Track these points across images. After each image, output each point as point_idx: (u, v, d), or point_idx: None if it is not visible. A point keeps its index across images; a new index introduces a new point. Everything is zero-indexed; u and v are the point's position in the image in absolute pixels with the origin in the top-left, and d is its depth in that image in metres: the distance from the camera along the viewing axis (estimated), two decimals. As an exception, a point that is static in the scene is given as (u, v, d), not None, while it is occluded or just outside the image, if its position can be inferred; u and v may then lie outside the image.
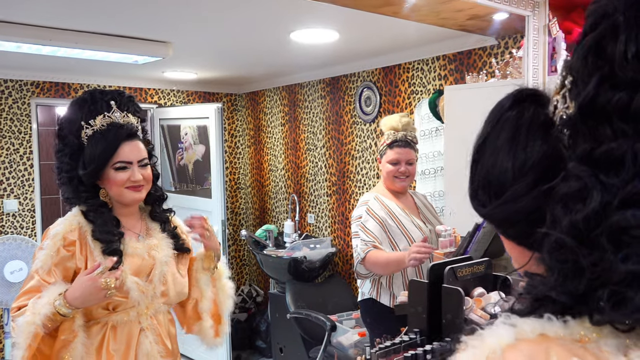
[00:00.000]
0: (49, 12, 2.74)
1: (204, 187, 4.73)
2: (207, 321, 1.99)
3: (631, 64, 0.55)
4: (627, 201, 0.55)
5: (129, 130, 1.79)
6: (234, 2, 2.64)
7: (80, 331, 1.69)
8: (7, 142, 4.33)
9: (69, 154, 1.78)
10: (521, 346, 0.59)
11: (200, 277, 1.99)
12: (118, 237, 1.78)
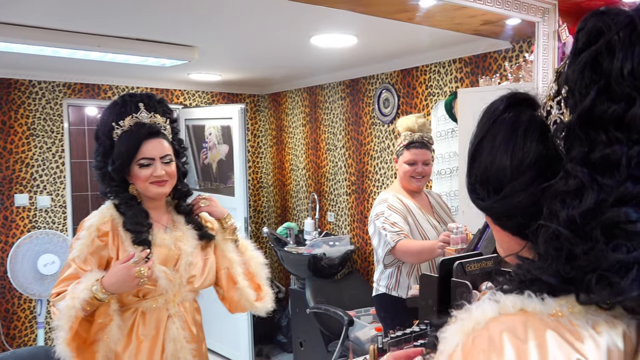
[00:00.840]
0: (87, 19, 2.90)
1: (227, 185, 4.86)
2: (243, 282, 2.05)
3: (627, 80, 0.62)
4: (620, 200, 0.62)
5: (151, 128, 1.90)
6: (257, 8, 2.77)
7: (116, 315, 1.81)
8: (41, 141, 4.52)
9: (102, 153, 1.92)
10: (503, 319, 0.67)
11: (224, 247, 2.08)
12: (147, 228, 1.90)
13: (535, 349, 0.62)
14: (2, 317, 4.40)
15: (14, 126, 4.40)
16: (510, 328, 0.65)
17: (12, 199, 4.42)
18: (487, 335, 0.66)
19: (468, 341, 0.67)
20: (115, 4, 2.66)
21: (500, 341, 0.64)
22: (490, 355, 0.64)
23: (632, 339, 0.64)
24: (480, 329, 0.67)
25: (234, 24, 3.04)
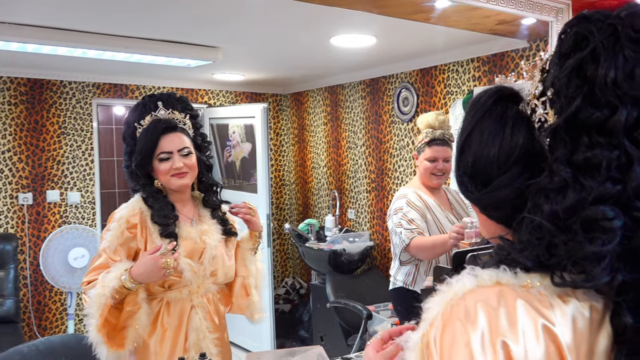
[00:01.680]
0: (114, 21, 3.03)
1: (250, 182, 4.97)
2: (255, 296, 2.16)
3: (610, 88, 0.67)
4: (599, 199, 0.67)
5: (168, 123, 1.99)
6: (278, 10, 2.86)
7: (144, 303, 1.90)
8: (71, 139, 4.69)
9: (128, 152, 2.02)
10: (479, 290, 0.73)
11: (246, 257, 2.18)
12: (174, 220, 1.98)
13: (504, 315, 0.68)
14: (35, 309, 4.57)
15: (46, 125, 4.57)
16: (484, 298, 0.71)
17: (44, 195, 4.59)
18: (464, 305, 0.72)
19: (447, 310, 0.73)
20: (142, 7, 2.78)
21: (475, 310, 0.70)
22: (465, 323, 0.70)
23: (599, 309, 0.70)
24: (457, 299, 0.73)
25: (256, 25, 3.14)
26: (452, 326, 0.71)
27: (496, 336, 0.68)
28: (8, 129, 4.43)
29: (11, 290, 4.18)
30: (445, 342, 0.71)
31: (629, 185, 0.66)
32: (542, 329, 0.68)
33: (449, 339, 0.71)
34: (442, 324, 0.73)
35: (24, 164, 4.49)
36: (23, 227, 4.51)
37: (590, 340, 0.69)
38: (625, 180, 0.66)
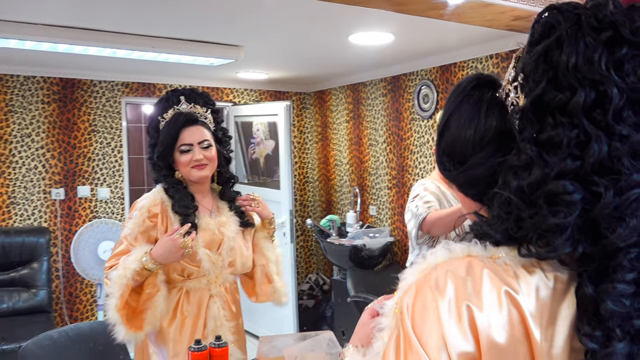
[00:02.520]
0: (141, 22, 3.15)
1: (274, 179, 5.07)
2: (278, 282, 2.23)
3: (571, 72, 0.71)
4: (561, 174, 0.71)
5: (189, 116, 2.07)
6: (297, 9, 2.94)
7: (162, 286, 1.97)
8: (101, 137, 4.85)
9: (152, 145, 2.11)
10: (451, 262, 0.79)
11: (263, 245, 2.25)
12: (193, 210, 2.06)
13: (470, 283, 0.74)
14: (66, 300, 4.75)
15: (77, 123, 4.75)
16: (453, 268, 0.77)
17: (75, 191, 4.76)
18: (435, 275, 0.77)
19: (420, 279, 0.79)
20: (167, 7, 2.89)
21: (445, 280, 0.76)
22: (434, 291, 0.76)
23: (563, 280, 0.75)
24: (430, 269, 0.79)
25: (276, 23, 3.23)
26: (424, 293, 0.77)
27: (462, 302, 0.73)
28: (42, 126, 4.61)
29: (44, 281, 4.35)
30: (417, 308, 0.76)
31: (587, 161, 0.70)
32: (506, 296, 0.73)
33: (420, 305, 0.76)
34: (414, 292, 0.78)
35: (56, 160, 4.67)
36: (55, 221, 4.68)
37: (553, 309, 0.73)
38: (584, 156, 0.70)
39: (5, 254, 4.26)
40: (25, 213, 4.57)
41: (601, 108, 0.69)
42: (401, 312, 0.79)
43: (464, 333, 0.73)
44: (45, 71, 4.57)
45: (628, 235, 0.69)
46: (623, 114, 0.69)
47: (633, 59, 0.69)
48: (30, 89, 4.55)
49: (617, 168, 0.69)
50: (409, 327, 0.76)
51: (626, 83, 0.68)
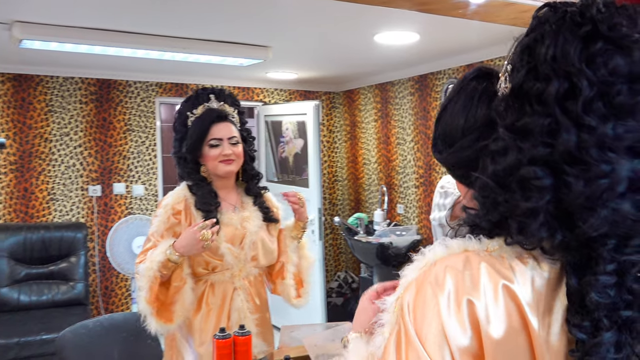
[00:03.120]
0: (173, 24, 3.27)
1: (303, 177, 5.14)
2: (290, 281, 2.27)
3: (549, 63, 0.72)
4: (532, 160, 0.73)
5: (220, 113, 2.15)
6: (322, 10, 3.00)
7: (189, 278, 2.04)
8: (136, 136, 5.01)
9: (179, 139, 2.18)
10: (449, 257, 0.80)
11: (288, 244, 2.30)
12: (215, 207, 2.12)
13: (468, 277, 0.76)
14: (102, 293, 4.92)
15: (113, 122, 4.91)
16: (452, 264, 0.79)
17: (111, 188, 4.93)
18: (434, 271, 0.79)
19: (420, 276, 0.81)
20: (198, 10, 3.00)
21: (443, 275, 0.78)
22: (434, 287, 0.77)
23: (557, 270, 0.77)
24: (429, 265, 0.81)
25: (302, 24, 3.30)
26: (424, 290, 0.78)
27: (461, 295, 0.75)
28: (79, 125, 4.79)
29: (81, 275, 4.52)
30: (417, 304, 0.78)
31: (557, 148, 0.72)
32: (502, 288, 0.75)
33: (420, 302, 0.78)
34: (415, 289, 0.80)
35: (93, 158, 4.85)
36: (92, 217, 4.86)
37: (548, 298, 0.75)
38: (554, 144, 0.73)
39: (45, 248, 4.44)
40: (63, 209, 4.75)
41: (573, 99, 0.71)
42: (401, 308, 0.81)
43: (463, 327, 0.75)
44: (83, 72, 4.75)
45: (599, 225, 0.70)
46: (592, 106, 0.70)
47: (606, 53, 0.71)
48: (68, 89, 4.74)
49: (585, 159, 0.70)
50: (409, 324, 0.78)
51: (597, 76, 0.70)
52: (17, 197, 4.61)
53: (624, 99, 0.70)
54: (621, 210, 0.70)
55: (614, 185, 0.70)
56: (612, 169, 0.69)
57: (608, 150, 0.70)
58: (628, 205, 0.70)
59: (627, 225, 0.70)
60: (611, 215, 0.70)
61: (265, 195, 2.34)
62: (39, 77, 4.64)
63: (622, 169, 0.69)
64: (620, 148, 0.70)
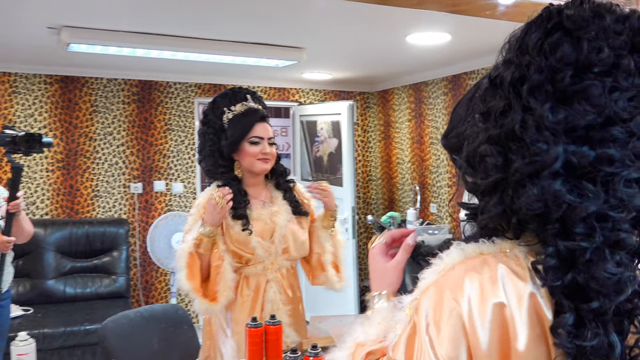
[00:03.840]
0: (210, 26, 3.39)
1: (337, 176, 5.21)
2: (331, 271, 2.35)
3: (515, 52, 0.77)
4: (489, 139, 0.79)
5: (262, 114, 2.26)
6: (356, 12, 3.06)
7: (226, 255, 2.13)
8: (175, 135, 5.18)
9: (213, 132, 2.25)
10: (466, 261, 0.82)
11: (320, 235, 2.37)
12: (244, 204, 2.21)
13: (488, 279, 0.77)
14: (143, 287, 5.10)
15: (153, 122, 5.09)
16: (470, 268, 0.80)
17: (151, 185, 5.11)
18: (453, 274, 0.81)
19: (438, 280, 0.82)
20: (234, 13, 3.11)
21: (462, 278, 0.79)
22: (454, 290, 0.78)
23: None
24: (448, 269, 0.82)
25: (334, 25, 3.38)
26: (442, 294, 0.80)
27: (482, 299, 0.76)
28: (122, 125, 4.98)
29: (123, 269, 4.70)
30: (436, 308, 0.80)
31: (504, 128, 0.77)
32: (522, 286, 0.76)
33: (438, 305, 0.79)
34: (433, 292, 0.81)
35: (135, 156, 5.03)
36: (134, 213, 5.04)
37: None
38: (502, 125, 0.77)
39: (89, 242, 4.64)
40: (107, 205, 4.95)
41: (525, 84, 0.76)
42: (416, 310, 0.83)
43: (485, 330, 0.75)
44: (126, 74, 4.94)
45: (530, 202, 0.73)
46: (537, 90, 0.74)
47: (558, 42, 0.75)
48: (112, 90, 4.93)
49: (524, 137, 0.74)
50: (423, 325, 0.80)
51: (547, 63, 0.74)
52: (64, 193, 4.82)
53: (567, 84, 0.73)
54: (551, 189, 0.72)
55: (547, 163, 0.72)
56: (547, 149, 0.73)
57: (545, 131, 0.73)
58: (559, 185, 0.72)
59: (563, 209, 0.72)
60: (541, 193, 0.73)
61: (296, 189, 2.41)
62: (85, 79, 4.84)
63: (556, 149, 0.72)
64: (558, 130, 0.72)
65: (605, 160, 0.72)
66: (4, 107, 4.60)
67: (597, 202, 0.72)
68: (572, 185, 0.72)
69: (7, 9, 2.97)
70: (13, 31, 3.41)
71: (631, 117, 0.73)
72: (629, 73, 0.73)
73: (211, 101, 2.34)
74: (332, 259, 2.37)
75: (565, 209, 0.72)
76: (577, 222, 0.72)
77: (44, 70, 4.68)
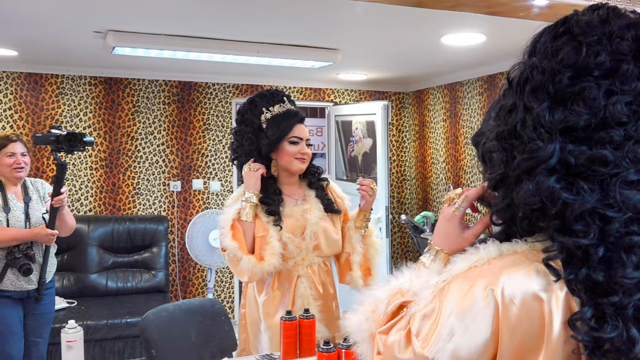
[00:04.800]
0: (247, 30, 3.48)
1: (371, 176, 5.24)
2: (357, 272, 2.38)
3: (537, 53, 0.82)
4: (496, 135, 0.84)
5: (301, 115, 2.35)
6: (392, 13, 3.09)
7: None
8: (213, 135, 5.30)
9: (250, 132, 2.32)
10: (502, 258, 0.85)
11: (352, 235, 2.41)
12: (277, 202, 2.29)
13: (524, 274, 0.80)
14: (181, 282, 5.24)
15: (192, 122, 5.22)
16: (506, 264, 0.83)
17: (190, 184, 5.24)
18: (489, 268, 0.84)
19: (471, 271, 0.85)
20: (271, 16, 3.19)
21: (498, 272, 0.82)
22: (490, 283, 0.81)
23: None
24: (483, 263, 0.85)
25: (370, 28, 3.42)
26: (474, 285, 0.83)
27: (519, 290, 0.79)
28: (162, 125, 5.13)
29: (162, 264, 4.84)
30: (465, 298, 0.82)
31: (508, 126, 0.82)
32: (555, 281, 0.78)
33: (467, 296, 0.82)
34: (464, 281, 0.85)
35: (174, 155, 5.18)
36: (173, 211, 5.19)
37: None
38: (507, 122, 0.82)
39: (131, 238, 4.79)
40: (147, 203, 5.11)
41: (528, 85, 0.81)
42: (441, 291, 0.87)
43: (518, 319, 0.77)
44: (166, 75, 5.08)
45: (526, 196, 0.78)
46: (538, 90, 0.79)
47: (562, 46, 0.79)
48: (153, 91, 5.09)
49: (523, 135, 0.79)
50: (446, 312, 0.83)
51: (549, 65, 0.79)
52: (106, 191, 5.00)
53: (564, 86, 0.77)
54: (545, 185, 0.76)
55: (542, 160, 0.76)
56: (543, 146, 0.77)
57: (541, 129, 0.77)
58: (553, 182, 0.75)
59: (558, 205, 0.76)
60: (536, 188, 0.77)
61: (330, 187, 2.47)
62: (127, 80, 5.01)
63: (551, 147, 0.76)
64: (554, 129, 0.76)
65: (598, 160, 0.75)
66: (52, 107, 4.80)
67: (592, 200, 0.74)
68: (568, 182, 0.76)
69: (57, 16, 3.12)
70: (62, 36, 3.58)
71: (629, 120, 0.75)
72: (629, 77, 0.76)
73: (248, 100, 2.40)
74: (360, 261, 2.40)
75: (561, 205, 0.75)
76: (574, 219, 0.75)
77: (89, 72, 4.87)
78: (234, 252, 2.17)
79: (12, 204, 3.04)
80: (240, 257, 2.16)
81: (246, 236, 2.21)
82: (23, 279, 3.02)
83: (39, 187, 3.19)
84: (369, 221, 2.45)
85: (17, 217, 3.03)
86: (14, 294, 3.03)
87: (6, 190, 3.05)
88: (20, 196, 3.10)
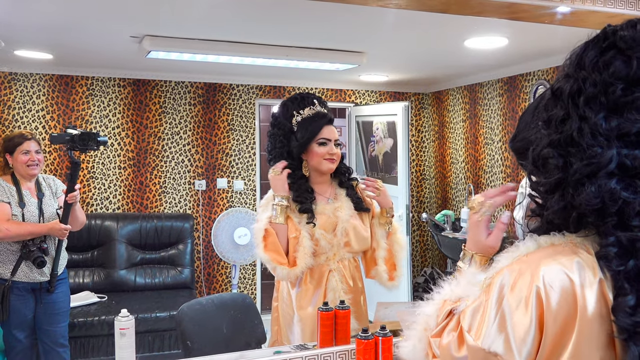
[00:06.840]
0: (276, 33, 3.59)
1: (392, 175, 5.34)
2: (382, 266, 2.48)
3: (574, 67, 0.89)
4: (550, 143, 0.89)
5: (330, 117, 2.43)
6: (416, 18, 3.17)
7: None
8: (237, 135, 5.43)
9: (282, 134, 2.41)
10: (541, 250, 0.91)
11: (377, 231, 2.50)
12: (309, 200, 2.38)
13: (562, 265, 0.86)
14: (206, 279, 5.36)
15: (217, 122, 5.35)
16: (545, 255, 0.88)
17: (214, 182, 5.37)
18: (528, 260, 0.90)
19: (513, 264, 0.91)
20: (299, 20, 3.29)
21: (538, 264, 0.87)
22: (531, 274, 0.87)
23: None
24: (523, 257, 0.91)
25: (396, 32, 3.50)
26: (517, 276, 0.88)
27: (558, 279, 0.84)
28: (188, 125, 5.26)
29: (188, 261, 4.97)
30: (509, 288, 0.88)
31: (564, 134, 0.87)
32: (592, 272, 0.84)
33: (511, 286, 0.88)
34: (508, 275, 0.90)
35: (199, 155, 5.31)
36: (198, 209, 5.32)
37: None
38: (563, 131, 0.88)
39: (157, 236, 4.93)
40: (173, 201, 5.24)
41: (582, 96, 0.87)
42: (489, 286, 0.92)
43: (557, 304, 0.83)
44: (192, 77, 5.21)
45: (589, 198, 0.83)
46: (592, 101, 0.85)
47: (611, 60, 0.86)
48: (179, 92, 5.22)
49: (582, 143, 0.85)
50: (493, 302, 0.88)
51: (601, 77, 0.85)
52: (134, 189, 5.14)
53: (618, 97, 0.84)
54: (607, 187, 0.83)
55: (602, 165, 0.83)
56: (602, 152, 0.83)
57: (600, 137, 0.84)
58: (614, 184, 0.83)
59: (619, 204, 0.83)
60: (598, 191, 0.83)
61: (360, 187, 2.55)
62: (154, 82, 5.15)
63: (610, 152, 0.83)
64: (611, 136, 0.84)
65: None
66: (82, 108, 4.95)
67: None
68: (626, 183, 0.84)
69: (97, 21, 3.26)
70: (99, 40, 3.71)
71: None
72: None
73: (281, 104, 2.49)
74: (385, 256, 2.49)
75: (621, 204, 0.83)
76: (633, 215, 0.83)
77: (118, 74, 5.01)
78: (267, 263, 2.29)
79: (26, 200, 3.23)
80: (274, 267, 2.28)
81: (280, 239, 2.30)
82: (36, 271, 3.22)
83: (51, 184, 3.37)
84: (392, 217, 2.53)
85: (31, 212, 3.21)
86: (27, 285, 3.21)
87: (21, 187, 3.21)
88: (34, 192, 3.27)
